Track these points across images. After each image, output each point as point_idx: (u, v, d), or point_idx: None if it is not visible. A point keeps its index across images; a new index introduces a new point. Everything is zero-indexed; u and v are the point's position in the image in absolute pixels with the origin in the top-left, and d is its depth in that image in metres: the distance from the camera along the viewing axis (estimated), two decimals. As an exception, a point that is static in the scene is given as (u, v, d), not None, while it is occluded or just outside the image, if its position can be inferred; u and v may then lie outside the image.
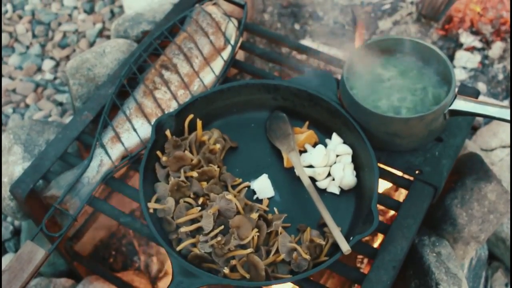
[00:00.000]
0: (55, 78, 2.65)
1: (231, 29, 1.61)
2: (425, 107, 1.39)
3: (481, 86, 2.20)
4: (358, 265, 1.70)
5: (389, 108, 1.39)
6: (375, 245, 1.66)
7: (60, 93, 2.58)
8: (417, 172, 1.38)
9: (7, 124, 2.48)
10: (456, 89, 1.41)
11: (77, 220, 1.35)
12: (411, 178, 1.39)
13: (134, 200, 1.39)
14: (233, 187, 1.35)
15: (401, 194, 1.70)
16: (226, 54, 1.57)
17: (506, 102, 2.18)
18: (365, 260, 1.71)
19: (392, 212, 1.67)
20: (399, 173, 1.43)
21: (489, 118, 1.36)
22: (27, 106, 2.56)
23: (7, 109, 2.53)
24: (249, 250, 1.21)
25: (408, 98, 1.40)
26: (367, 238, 1.55)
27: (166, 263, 1.83)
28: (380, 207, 1.38)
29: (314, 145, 1.42)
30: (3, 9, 2.90)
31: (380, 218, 1.64)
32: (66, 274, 1.83)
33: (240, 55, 1.86)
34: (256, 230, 1.23)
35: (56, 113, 2.50)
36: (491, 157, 1.92)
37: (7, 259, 2.05)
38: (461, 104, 1.34)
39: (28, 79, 2.63)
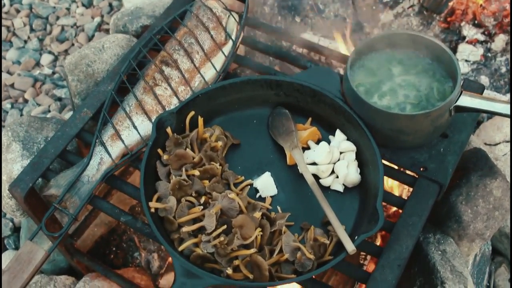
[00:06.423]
0: (53, 73, 2.63)
1: (232, 23, 1.58)
2: (430, 103, 1.37)
3: (484, 79, 2.18)
4: (361, 261, 1.69)
5: (393, 104, 1.37)
6: (379, 242, 1.65)
7: (59, 88, 2.55)
8: (422, 169, 1.36)
9: (6, 120, 2.46)
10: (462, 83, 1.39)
11: (77, 219, 1.33)
12: (416, 175, 1.37)
13: (135, 199, 1.38)
14: (236, 185, 1.33)
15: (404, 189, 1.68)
16: (227, 49, 1.55)
17: (509, 96, 2.16)
18: (368, 257, 1.69)
19: (395, 208, 1.65)
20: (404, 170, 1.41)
21: (495, 115, 1.34)
22: (25, 101, 2.54)
23: (6, 104, 2.51)
24: (253, 250, 1.19)
25: (413, 94, 1.38)
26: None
27: (167, 260, 1.82)
28: (384, 203, 1.36)
29: (318, 142, 1.41)
30: (0, 3, 2.87)
31: (384, 214, 1.62)
32: (67, 271, 1.82)
33: (240, 49, 1.83)
34: (259, 229, 1.21)
35: (55, 108, 2.47)
36: (495, 151, 1.90)
37: (6, 256, 2.03)
38: (467, 100, 1.32)
39: (27, 73, 2.61)
